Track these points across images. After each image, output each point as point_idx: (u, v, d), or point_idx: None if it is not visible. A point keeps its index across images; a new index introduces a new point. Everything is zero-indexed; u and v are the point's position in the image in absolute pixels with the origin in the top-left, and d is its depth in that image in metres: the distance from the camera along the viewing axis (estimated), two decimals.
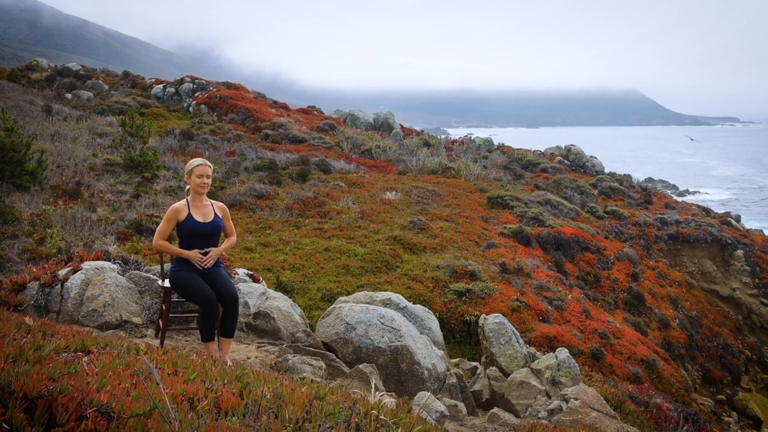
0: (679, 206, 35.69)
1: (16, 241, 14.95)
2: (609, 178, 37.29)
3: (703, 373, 22.28)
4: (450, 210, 24.54)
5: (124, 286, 8.26)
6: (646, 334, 20.72)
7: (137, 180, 22.78)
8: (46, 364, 3.62)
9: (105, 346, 4.88)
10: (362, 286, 16.04)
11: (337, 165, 30.65)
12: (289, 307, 9.00)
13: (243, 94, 43.54)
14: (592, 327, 17.50)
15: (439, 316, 14.36)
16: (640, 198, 34.98)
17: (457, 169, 32.34)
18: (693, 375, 21.63)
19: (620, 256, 25.02)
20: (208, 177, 6.66)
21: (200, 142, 32.01)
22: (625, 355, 16.95)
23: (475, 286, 17.03)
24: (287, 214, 21.79)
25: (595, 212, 29.67)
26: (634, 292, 23.14)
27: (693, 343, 22.98)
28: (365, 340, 7.83)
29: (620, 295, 22.81)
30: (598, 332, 17.27)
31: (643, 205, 33.86)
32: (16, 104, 32.41)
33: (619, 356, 16.71)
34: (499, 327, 9.48)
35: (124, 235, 16.97)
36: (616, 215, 30.04)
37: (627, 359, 16.80)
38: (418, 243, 19.79)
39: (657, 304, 23.65)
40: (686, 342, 22.52)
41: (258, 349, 7.73)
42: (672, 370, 18.30)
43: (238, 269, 9.75)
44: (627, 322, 20.58)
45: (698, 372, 22.15)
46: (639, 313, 22.36)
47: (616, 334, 17.84)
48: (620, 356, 16.76)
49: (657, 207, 34.17)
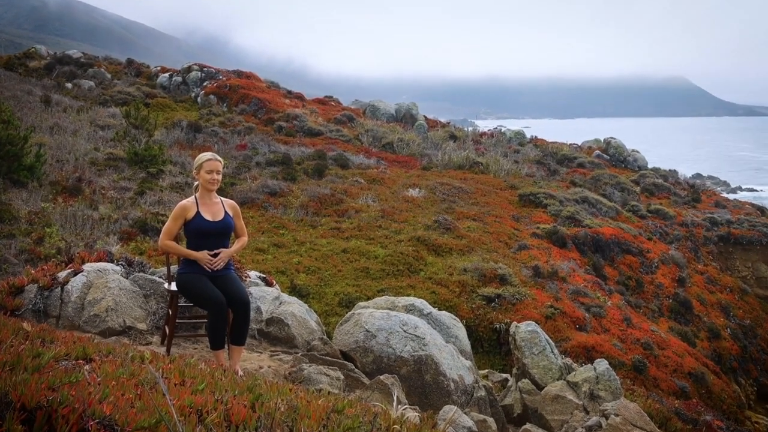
0: (731, 205, 35.29)
1: (13, 241, 15.08)
2: (652, 174, 37.06)
3: (758, 388, 22.06)
4: (478, 208, 24.48)
5: (127, 290, 8.31)
6: (694, 345, 20.56)
7: (142, 176, 22.93)
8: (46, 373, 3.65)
9: (108, 354, 4.91)
10: (383, 290, 16.04)
11: (356, 160, 30.67)
12: (304, 313, 9.02)
13: (255, 83, 43.68)
14: (634, 336, 17.39)
15: (466, 323, 14.30)
16: (687, 196, 34.73)
17: (485, 164, 32.25)
18: (746, 390, 21.41)
19: (665, 260, 24.85)
20: (218, 173, 6.68)
21: (209, 135, 32.16)
22: (670, 367, 16.83)
23: (505, 291, 16.99)
24: (302, 213, 21.84)
25: (638, 211, 29.49)
26: (681, 299, 22.97)
27: (746, 355, 22.75)
28: (386, 349, 7.84)
29: (665, 302, 22.64)
30: (640, 342, 17.16)
31: (690, 204, 33.61)
32: (12, 94, 32.71)
33: (664, 369, 16.60)
34: (532, 336, 9.45)
35: (128, 234, 17.08)
36: (661, 214, 29.84)
37: (673, 372, 16.68)
38: (444, 244, 19.76)
39: (706, 311, 23.44)
40: (739, 354, 22.31)
41: (271, 358, 7.75)
42: (723, 385, 18.15)
43: (249, 272, 9.78)
44: (673, 332, 20.43)
45: (752, 387, 21.92)
46: (686, 322, 22.19)
47: (661, 345, 17.72)
48: (665, 369, 16.65)
49: (706, 206, 33.87)
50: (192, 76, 42.97)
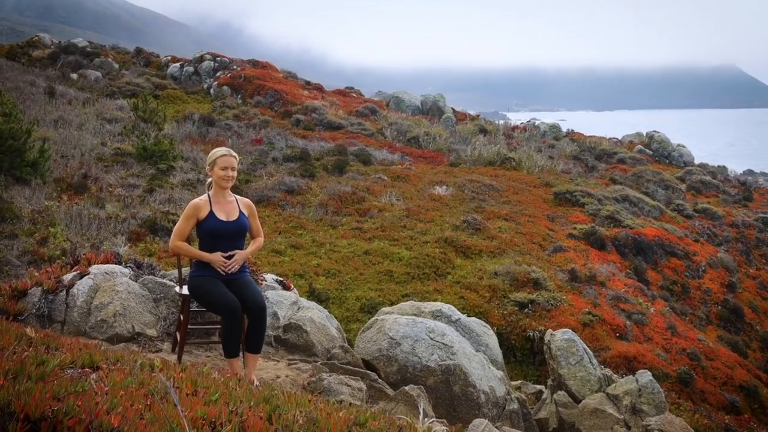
0: None
1: (15, 242, 15.19)
2: (699, 171, 36.79)
3: None
4: (510, 207, 24.41)
5: (136, 294, 8.35)
6: (746, 356, 20.36)
7: (151, 172, 23.06)
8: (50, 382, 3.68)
9: (115, 362, 4.94)
10: (408, 295, 16.03)
11: (379, 155, 30.68)
12: (324, 319, 9.03)
13: (271, 74, 43.81)
14: (680, 346, 17.27)
15: (497, 330, 14.27)
16: (737, 194, 34.46)
17: (518, 159, 32.16)
18: None
19: (713, 263, 24.65)
20: (232, 169, 6.69)
21: (222, 129, 32.30)
22: (719, 379, 16.69)
23: (539, 296, 16.93)
24: (321, 212, 21.88)
25: (683, 211, 29.29)
26: (731, 306, 22.77)
27: None
28: (412, 358, 7.83)
29: (713, 309, 22.46)
30: (686, 352, 17.04)
31: (741, 203, 33.33)
32: (15, 86, 33.01)
33: (712, 381, 16.47)
34: (569, 344, 9.41)
35: (137, 235, 17.18)
36: (708, 214, 29.61)
37: (722, 385, 16.54)
38: (473, 246, 19.72)
39: (759, 319, 23.21)
40: None
41: (288, 367, 7.77)
42: None
43: (265, 275, 9.80)
44: (722, 341, 20.26)
45: None
46: (737, 331, 21.99)
47: (709, 355, 17.58)
48: (714, 381, 16.51)
49: (758, 204, 33.58)
50: (204, 66, 43.17)
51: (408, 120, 39.14)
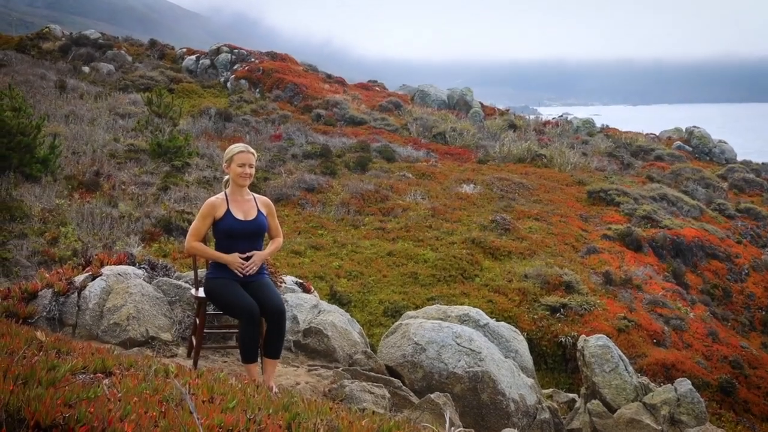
0: None
1: (24, 242, 15.30)
2: (742, 168, 36.48)
3: None
4: (541, 206, 24.33)
5: (151, 296, 8.39)
6: None
7: (166, 169, 23.17)
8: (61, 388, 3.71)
9: (129, 367, 4.97)
10: (433, 298, 16.02)
11: (404, 152, 30.67)
12: (345, 323, 9.04)
13: (291, 67, 43.91)
14: (721, 353, 17.14)
15: (527, 336, 14.22)
16: None
17: (549, 156, 32.05)
18: None
19: (757, 266, 24.45)
20: (250, 166, 6.71)
21: (240, 125, 32.41)
22: (764, 389, 16.56)
23: (572, 300, 16.86)
24: (343, 211, 21.90)
25: (725, 210, 29.07)
26: None
27: None
28: (438, 364, 7.83)
29: (757, 314, 22.28)
30: (728, 360, 16.91)
31: None
32: (25, 79, 33.27)
33: (756, 391, 16.33)
34: (603, 351, 9.36)
35: (151, 234, 17.27)
36: (752, 214, 29.37)
37: (767, 395, 16.41)
38: (502, 247, 19.68)
39: None
40: None
41: (309, 373, 7.78)
42: None
43: (284, 277, 9.83)
44: (766, 349, 20.11)
45: None
46: None
47: (753, 363, 17.44)
48: (758, 391, 16.38)
49: None
50: (221, 58, 43.33)
51: (434, 115, 39.07)
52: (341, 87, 43.58)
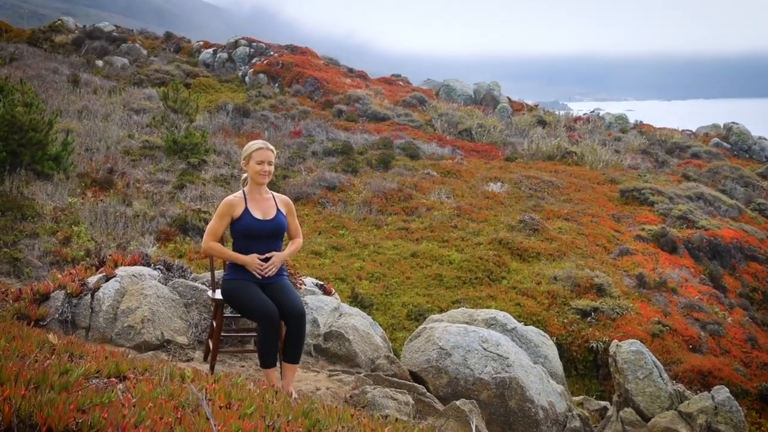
0: None
1: (36, 241, 15.38)
2: None
3: None
4: (571, 206, 24.25)
5: (166, 298, 8.42)
6: None
7: (182, 167, 23.26)
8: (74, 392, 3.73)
9: (144, 371, 4.99)
10: (459, 301, 16.00)
11: (428, 149, 30.66)
12: (367, 327, 9.04)
13: (311, 60, 44.00)
14: (761, 360, 17.02)
15: (557, 340, 14.18)
16: None
17: (580, 153, 31.95)
18: None
19: None
20: (269, 164, 6.71)
21: (258, 120, 32.50)
22: None
23: (603, 303, 16.79)
24: (365, 210, 21.91)
25: (765, 210, 28.86)
26: None
27: None
28: (463, 370, 7.81)
29: None
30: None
31: None
32: (36, 73, 33.48)
33: None
34: (636, 357, 9.31)
35: (166, 234, 17.34)
36: None
37: None
38: (530, 248, 19.63)
39: None
40: None
41: (329, 378, 7.79)
42: None
43: (304, 278, 9.84)
44: None
45: None
46: None
47: None
48: None
49: None
50: (239, 52, 43.46)
51: (459, 110, 39.04)
52: (363, 81, 43.61)
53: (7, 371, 3.76)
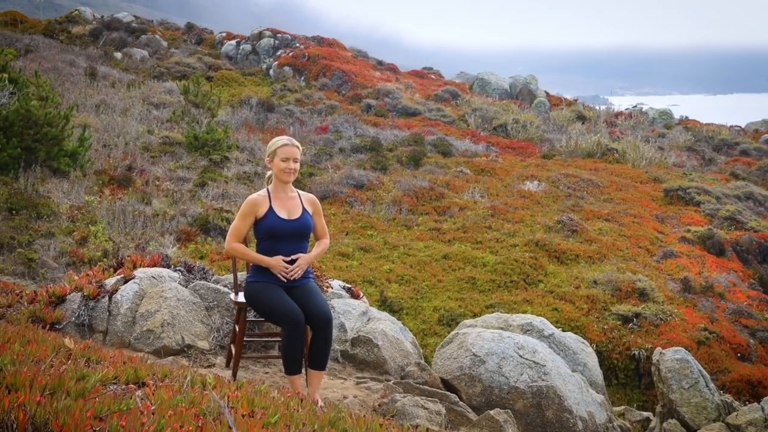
0: None
1: (51, 241, 15.47)
2: None
3: None
4: (612, 206, 24.14)
5: (187, 301, 8.45)
6: None
7: (203, 164, 23.36)
8: (91, 399, 3.74)
9: (163, 378, 5.01)
10: (493, 306, 15.97)
11: (461, 145, 30.63)
12: (397, 332, 9.03)
13: (338, 53, 44.07)
14: None
15: (596, 348, 14.13)
16: None
17: (622, 151, 31.80)
18: None
19: None
20: (295, 161, 6.69)
21: (283, 115, 32.59)
22: None
23: (646, 309, 16.70)
24: (394, 210, 21.91)
25: None
26: None
27: None
28: (498, 378, 7.79)
29: None
30: None
31: None
32: (53, 66, 33.76)
33: None
34: (681, 365, 9.26)
35: (187, 234, 17.41)
36: None
37: None
38: (569, 250, 19.55)
39: None
40: None
41: (357, 386, 7.79)
42: None
43: (331, 281, 9.84)
44: None
45: None
46: None
47: None
48: None
49: None
50: (263, 43, 43.61)
51: (494, 105, 39.00)
52: (393, 75, 43.66)
53: (21, 376, 3.79)
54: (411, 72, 47.51)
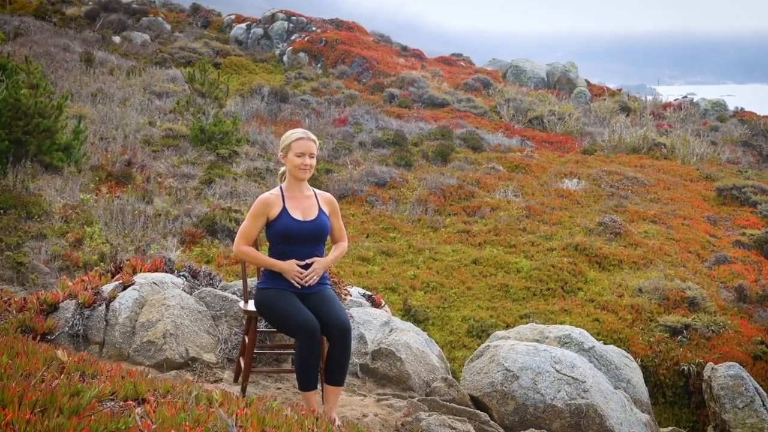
0: None
1: (43, 244, 15.51)
2: None
3: None
4: (659, 206, 24.06)
5: (191, 309, 8.46)
6: None
7: (210, 159, 23.41)
8: (86, 417, 3.75)
9: (165, 393, 5.02)
10: (527, 315, 15.93)
11: (493, 139, 30.60)
12: (422, 344, 9.03)
13: (359, 38, 44.11)
14: None
15: (641, 362, 14.07)
16: None
17: (670, 146, 31.69)
18: None
19: None
20: (311, 156, 6.69)
21: (298, 106, 32.63)
22: None
23: (696, 320, 16.62)
24: (420, 210, 21.90)
25: None
26: None
27: None
28: (533, 395, 7.77)
29: None
30: None
31: None
32: (45, 51, 33.90)
33: None
34: (735, 382, 9.22)
35: (191, 236, 17.44)
36: None
37: None
38: (611, 254, 19.49)
39: None
40: None
41: (378, 403, 7.78)
42: None
43: (350, 288, 9.84)
44: None
45: None
46: None
47: None
48: None
49: None
50: (276, 27, 43.69)
51: (530, 95, 38.96)
52: (419, 62, 43.68)
53: (10, 392, 3.80)
54: (438, 59, 47.51)
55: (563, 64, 45.70)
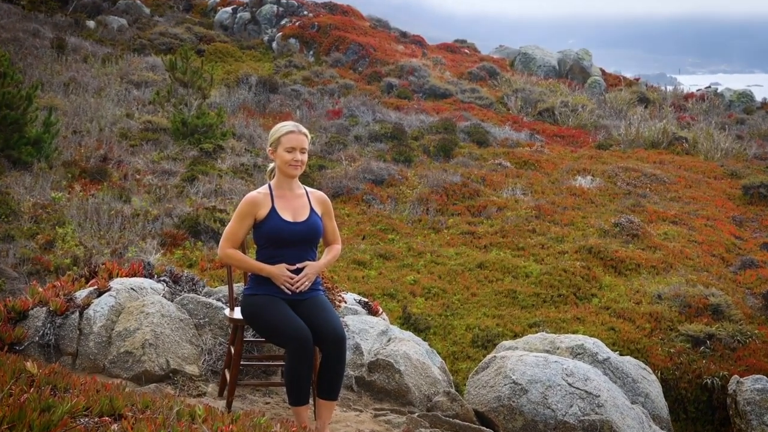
0: None
1: (11, 246, 15.49)
2: None
3: None
4: (680, 206, 24.08)
5: (172, 317, 8.45)
6: None
7: (192, 154, 23.41)
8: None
9: (144, 409, 5.02)
10: (537, 324, 15.94)
11: (499, 133, 30.62)
12: (423, 355, 9.03)
13: (354, 22, 44.12)
14: None
15: (661, 375, 14.09)
16: None
17: (692, 140, 31.72)
18: None
19: None
20: (302, 151, 6.69)
21: (288, 97, 32.63)
22: None
23: (720, 329, 16.63)
24: (420, 210, 21.91)
25: None
26: None
27: None
28: (543, 411, 7.79)
29: None
30: None
31: None
32: (12, 36, 33.87)
33: None
34: (762, 397, 9.24)
35: (173, 238, 17.44)
36: None
37: None
38: (628, 258, 19.50)
39: None
40: None
41: (375, 419, 7.80)
42: None
43: (345, 294, 9.85)
44: None
45: None
46: None
47: None
48: None
49: None
50: (264, 11, 43.70)
51: (539, 85, 39.00)
52: (419, 49, 43.72)
53: None
54: (440, 45, 47.55)
55: (576, 52, 45.73)
